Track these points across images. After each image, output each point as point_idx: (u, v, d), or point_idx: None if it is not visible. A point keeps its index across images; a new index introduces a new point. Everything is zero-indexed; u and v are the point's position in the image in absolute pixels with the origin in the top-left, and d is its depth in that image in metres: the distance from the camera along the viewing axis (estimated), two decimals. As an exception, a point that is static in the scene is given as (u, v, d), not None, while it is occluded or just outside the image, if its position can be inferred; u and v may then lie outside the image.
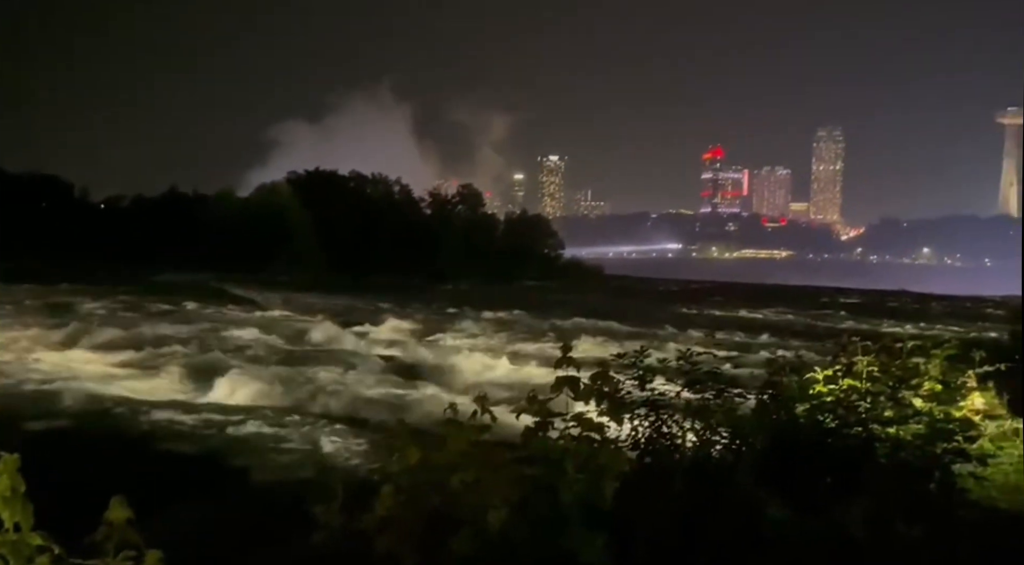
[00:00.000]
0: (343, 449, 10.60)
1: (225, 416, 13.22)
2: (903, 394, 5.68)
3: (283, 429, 12.12)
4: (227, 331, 26.00)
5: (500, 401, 10.29)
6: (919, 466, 5.04)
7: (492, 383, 17.60)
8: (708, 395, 5.64)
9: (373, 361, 20.67)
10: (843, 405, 5.71)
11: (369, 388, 16.39)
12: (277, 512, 7.17)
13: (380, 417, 12.94)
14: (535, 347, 24.47)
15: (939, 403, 5.60)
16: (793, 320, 44.02)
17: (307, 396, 15.58)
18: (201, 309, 34.99)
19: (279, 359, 20.44)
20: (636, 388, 5.63)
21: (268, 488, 9.08)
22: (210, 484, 9.34)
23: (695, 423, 5.34)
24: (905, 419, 5.43)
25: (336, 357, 20.60)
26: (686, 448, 5.24)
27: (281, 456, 10.62)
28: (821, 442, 5.34)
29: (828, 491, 4.44)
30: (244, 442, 11.51)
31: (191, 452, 10.79)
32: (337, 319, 32.54)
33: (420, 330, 29.64)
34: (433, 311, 39.43)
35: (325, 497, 3.35)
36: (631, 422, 5.33)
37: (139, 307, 34.91)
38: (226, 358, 19.98)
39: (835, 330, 30.42)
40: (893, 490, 4.40)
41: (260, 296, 45.95)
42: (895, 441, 5.28)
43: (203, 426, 12.47)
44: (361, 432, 11.81)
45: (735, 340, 29.37)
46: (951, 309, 61.16)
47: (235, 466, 10.17)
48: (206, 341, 23.71)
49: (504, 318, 36.41)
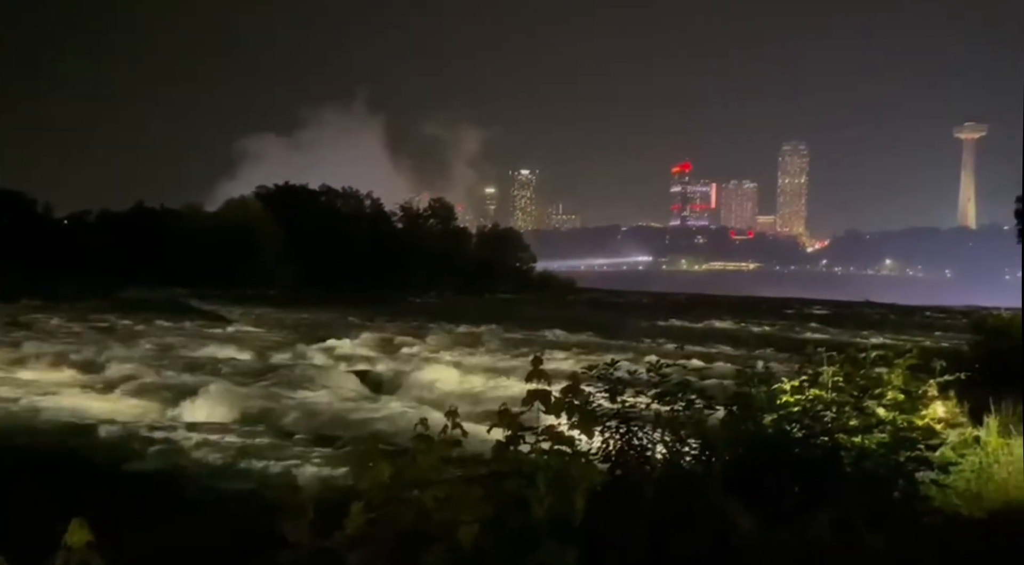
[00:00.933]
0: (312, 466, 10.47)
1: (191, 434, 12.98)
2: (867, 404, 5.79)
3: (251, 446, 11.93)
4: (194, 347, 25.59)
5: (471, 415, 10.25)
6: (883, 474, 5.14)
7: (463, 397, 17.55)
8: (678, 406, 5.70)
9: (343, 376, 20.47)
10: (809, 415, 5.80)
11: (338, 403, 16.22)
12: (244, 531, 7.05)
13: (350, 433, 12.82)
14: (506, 360, 24.45)
15: (902, 412, 5.71)
16: (761, 331, 44.59)
17: (275, 412, 15.37)
18: (168, 325, 34.40)
19: (247, 375, 20.15)
20: (607, 400, 5.67)
21: (234, 507, 8.92)
22: (174, 504, 9.15)
23: (665, 435, 5.38)
24: (869, 428, 5.53)
25: (305, 372, 20.36)
26: (656, 460, 5.28)
27: (248, 474, 10.44)
28: (788, 452, 5.41)
29: (796, 500, 4.50)
30: (210, 461, 11.31)
31: (155, 472, 10.57)
32: (307, 334, 32.21)
33: (391, 344, 29.45)
34: (404, 325, 39.23)
35: (294, 515, 3.31)
36: (602, 434, 5.37)
37: (103, 324, 34.21)
38: (192, 375, 19.65)
39: (802, 341, 30.89)
40: (858, 499, 4.48)
41: (228, 311, 45.31)
42: (860, 450, 5.38)
43: (168, 445, 12.22)
44: (331, 449, 11.67)
45: (705, 351, 29.65)
46: (913, 320, 62.47)
47: (201, 485, 9.98)
48: (172, 358, 23.30)
49: (476, 332, 36.35)
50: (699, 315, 55.93)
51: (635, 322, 48.63)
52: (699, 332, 42.61)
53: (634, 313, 61.49)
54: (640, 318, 53.46)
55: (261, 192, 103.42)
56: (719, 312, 59.97)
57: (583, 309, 65.11)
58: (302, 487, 9.37)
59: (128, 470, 10.59)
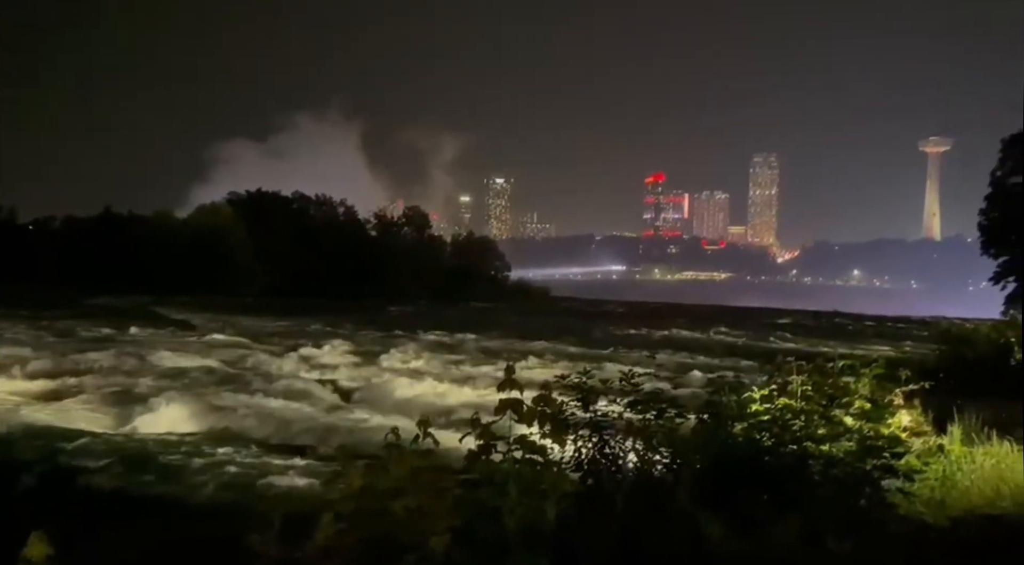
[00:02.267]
0: (281, 476, 10.31)
1: (157, 445, 12.74)
2: (835, 412, 5.87)
3: (217, 456, 11.73)
4: (160, 355, 25.10)
5: (444, 425, 10.20)
6: (850, 482, 5.21)
7: (435, 406, 17.45)
8: (650, 415, 5.73)
9: (313, 385, 20.23)
10: (779, 424, 5.87)
11: (309, 413, 16.02)
12: (211, 544, 6.92)
13: (320, 443, 12.66)
14: (480, 369, 24.39)
15: (869, 421, 5.80)
16: (733, 340, 45.04)
17: (244, 422, 15.13)
18: (134, 333, 33.75)
19: (216, 384, 19.83)
20: (580, 409, 5.68)
21: (201, 519, 8.76)
22: (139, 516, 8.96)
23: (637, 443, 5.41)
24: (837, 436, 5.62)
25: (275, 381, 20.10)
26: (628, 468, 5.30)
27: (216, 485, 10.26)
28: (758, 460, 5.47)
29: (765, 508, 4.54)
30: (176, 471, 11.09)
31: (119, 483, 10.33)
32: (277, 342, 31.83)
33: (363, 353, 29.21)
34: (377, 333, 38.96)
35: (262, 526, 3.26)
36: (574, 443, 5.38)
37: (69, 332, 33.46)
38: (158, 383, 19.28)
39: (773, 350, 31.26)
40: (826, 506, 4.54)
41: (197, 319, 44.60)
42: (828, 458, 5.45)
43: (133, 456, 11.96)
44: (301, 459, 11.52)
45: (677, 360, 29.87)
46: (880, 329, 63.56)
47: (166, 497, 9.78)
48: (137, 366, 22.84)
49: (449, 340, 36.23)
50: (671, 324, 56.36)
51: (608, 331, 48.84)
52: (671, 341, 42.90)
53: (608, 322, 61.74)
54: (613, 327, 53.69)
55: (233, 198, 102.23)
56: (691, 321, 60.49)
57: (557, 318, 65.20)
58: (270, 498, 9.24)
59: (89, 481, 10.34)
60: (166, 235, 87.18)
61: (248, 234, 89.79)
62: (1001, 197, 30.03)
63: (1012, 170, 29.92)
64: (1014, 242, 29.69)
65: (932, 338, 23.92)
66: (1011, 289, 29.79)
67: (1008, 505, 5.67)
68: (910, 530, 4.95)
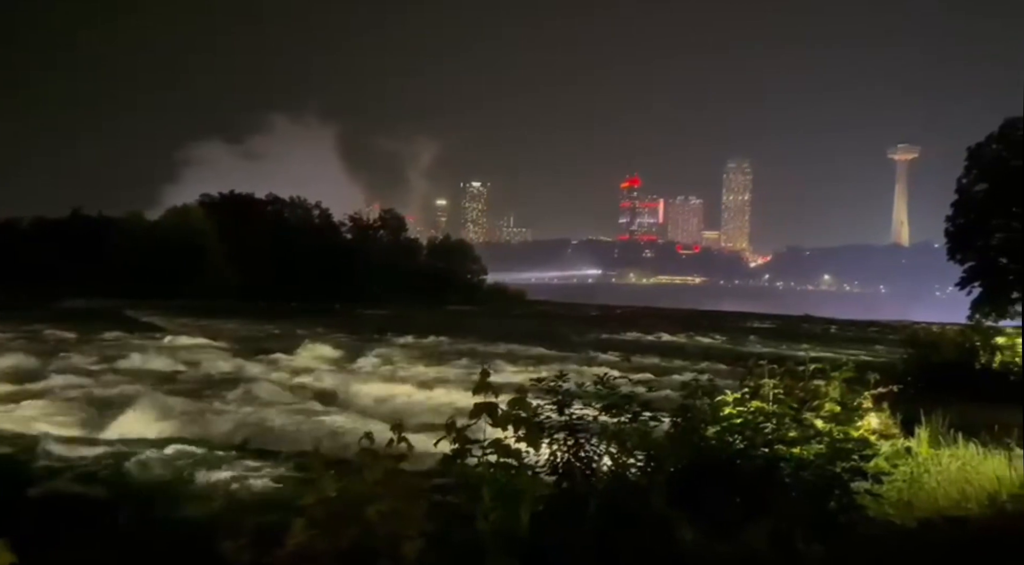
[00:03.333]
0: (254, 482, 10.17)
1: (126, 450, 12.49)
2: (806, 415, 5.95)
3: (188, 461, 11.54)
4: (130, 359, 24.67)
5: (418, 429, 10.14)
6: (820, 484, 5.28)
7: (410, 410, 17.35)
8: (624, 418, 5.75)
9: (287, 389, 20.03)
10: (751, 427, 5.93)
11: (282, 417, 15.84)
12: (181, 550, 6.81)
13: (293, 447, 12.51)
14: (455, 372, 24.31)
15: (838, 424, 5.88)
16: (706, 344, 45.44)
17: (215, 426, 14.92)
18: (104, 336, 33.15)
19: (187, 388, 19.54)
20: (555, 413, 5.69)
21: (171, 525, 8.61)
22: (104, 522, 8.78)
23: (611, 446, 5.43)
24: (808, 439, 5.69)
25: (248, 385, 19.84)
26: (603, 471, 5.31)
27: (186, 491, 10.09)
28: (730, 463, 5.52)
29: (737, 511, 4.58)
30: (144, 476, 10.89)
31: (84, 489, 10.12)
32: (250, 345, 31.45)
33: (337, 356, 28.97)
34: (351, 336, 38.68)
35: (233, 533, 3.22)
36: (549, 447, 5.38)
37: (36, 334, 32.78)
38: (127, 387, 18.95)
39: (745, 354, 31.61)
40: (797, 508, 4.59)
41: (169, 322, 43.95)
42: (798, 461, 5.52)
43: (101, 461, 11.73)
44: (273, 464, 11.38)
45: (651, 363, 30.05)
46: (850, 333, 64.55)
47: (134, 502, 9.60)
48: (107, 369, 22.44)
49: (425, 343, 36.07)
50: (646, 328, 56.69)
51: (584, 334, 49.00)
52: (646, 344, 43.17)
53: (583, 325, 61.97)
54: (589, 330, 53.89)
55: (205, 200, 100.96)
56: (666, 325, 60.91)
57: (533, 321, 65.29)
58: (242, 503, 9.12)
59: (55, 487, 10.12)
60: (136, 237, 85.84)
61: (221, 236, 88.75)
62: (967, 204, 30.69)
63: (977, 178, 30.57)
64: (979, 248, 30.34)
65: (900, 342, 24.39)
66: (976, 294, 30.39)
67: (973, 507, 5.78)
68: (878, 532, 5.02)
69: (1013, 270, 29.36)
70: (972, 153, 30.75)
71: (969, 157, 30.81)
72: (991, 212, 29.74)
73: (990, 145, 30.43)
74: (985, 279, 30.12)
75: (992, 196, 29.84)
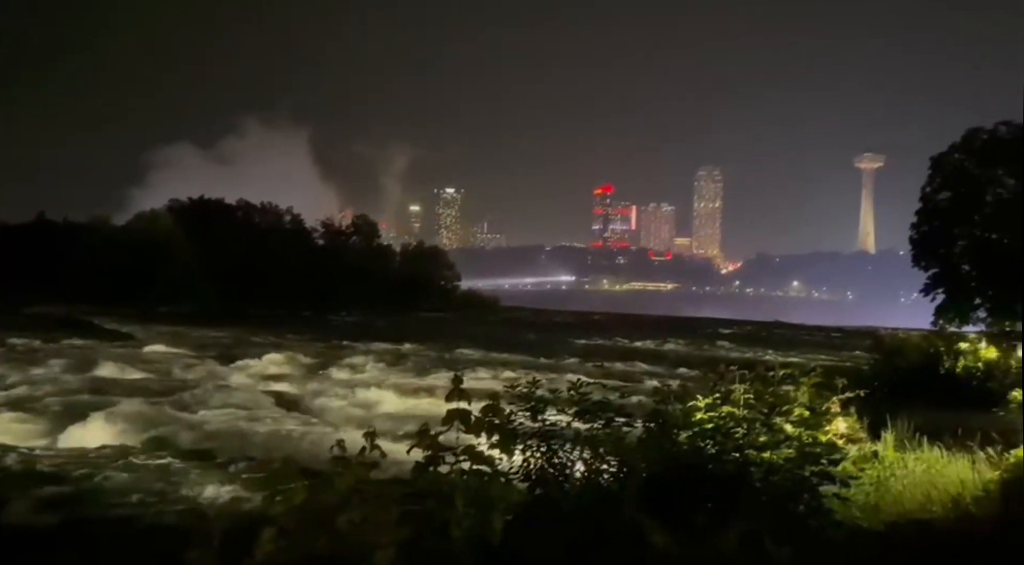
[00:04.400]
0: (221, 490, 10.02)
1: (92, 460, 12.24)
2: (775, 420, 6.01)
3: (156, 472, 11.34)
4: (96, 367, 24.20)
5: (390, 436, 10.06)
6: (790, 489, 5.34)
7: (383, 417, 17.25)
8: (597, 424, 5.78)
9: (256, 396, 19.78)
10: (722, 432, 5.98)
11: (252, 425, 15.64)
12: (148, 561, 6.68)
13: (263, 456, 12.35)
14: (428, 380, 24.22)
15: (807, 428, 5.95)
16: (678, 350, 45.82)
17: (183, 435, 14.68)
18: (69, 343, 32.44)
19: (153, 396, 19.20)
20: (528, 419, 5.69)
21: (138, 536, 8.43)
22: (70, 533, 8.58)
23: (584, 452, 5.44)
24: (777, 444, 5.75)
25: (217, 393, 19.57)
26: (576, 478, 5.33)
27: (153, 501, 9.90)
28: (702, 468, 5.56)
29: (708, 516, 4.61)
30: (111, 486, 10.67)
31: (48, 498, 9.88)
32: (219, 353, 31.00)
33: (308, 364, 28.70)
34: (323, 344, 38.34)
35: (200, 542, 3.16)
36: (523, 453, 5.38)
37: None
38: (93, 396, 18.58)
39: (716, 359, 31.93)
40: (766, 513, 4.64)
41: (136, 330, 43.16)
42: (768, 465, 5.57)
43: (67, 472, 11.47)
44: (243, 472, 11.21)
45: (624, 369, 30.22)
46: (818, 339, 65.53)
47: (100, 512, 9.39)
48: (72, 378, 21.96)
49: (398, 350, 35.88)
50: (620, 334, 57.02)
51: (558, 340, 49.11)
52: (620, 350, 43.40)
53: (557, 331, 62.11)
54: (563, 336, 54.02)
55: (174, 205, 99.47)
56: (639, 331, 61.33)
57: (507, 328, 65.28)
58: (210, 513, 8.97)
59: (18, 497, 9.86)
60: (103, 243, 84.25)
61: (189, 242, 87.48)
62: (930, 212, 31.31)
63: (940, 186, 31.23)
64: (942, 255, 30.97)
65: (867, 348, 24.83)
66: (940, 300, 31.05)
67: (938, 510, 5.89)
68: (846, 535, 5.09)
69: (975, 277, 30.02)
70: (935, 162, 31.43)
71: (932, 166, 31.48)
72: (954, 220, 30.39)
73: (952, 154, 31.14)
74: (948, 286, 30.75)
75: (954, 204, 30.52)
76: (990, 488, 6.10)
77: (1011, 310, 28.59)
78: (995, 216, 29.62)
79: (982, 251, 29.86)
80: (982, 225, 30.14)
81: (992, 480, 6.23)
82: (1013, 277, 27.88)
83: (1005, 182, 30.04)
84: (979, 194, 30.10)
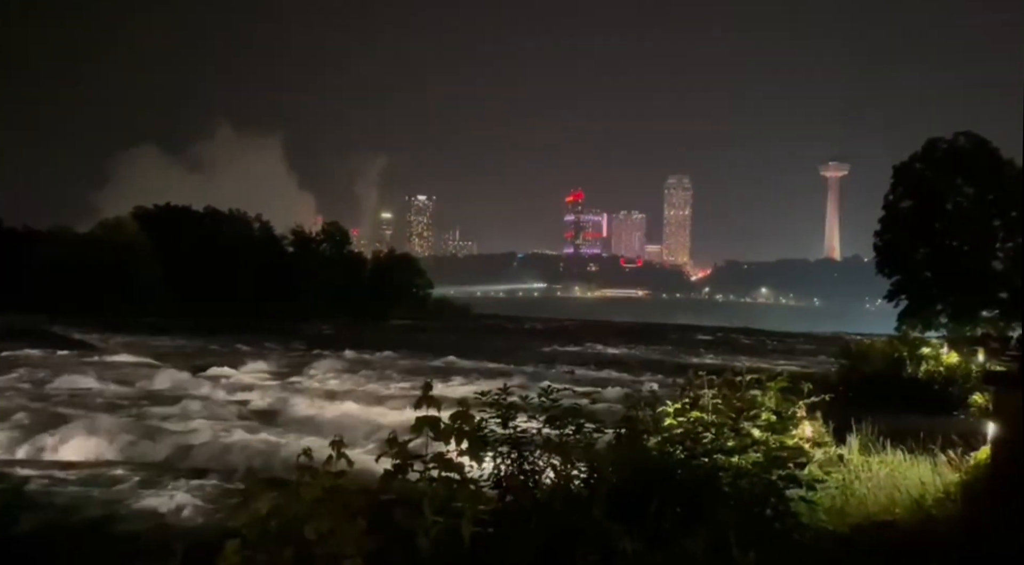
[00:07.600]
0: (186, 502, 9.81)
1: (54, 473, 11.93)
2: (743, 425, 6.07)
3: (117, 482, 11.08)
4: (60, 378, 23.60)
5: (359, 444, 9.95)
6: (757, 493, 5.39)
7: (351, 426, 17.05)
8: (568, 431, 5.77)
9: (224, 406, 19.47)
10: (691, 437, 6.02)
11: (218, 436, 15.36)
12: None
13: (227, 466, 12.14)
14: (398, 387, 24.06)
15: (774, 433, 6.02)
16: (649, 356, 46.14)
17: (146, 445, 14.37)
18: (29, 354, 31.60)
19: (118, 408, 18.79)
20: (499, 426, 5.67)
21: (98, 549, 8.23)
22: (32, 546, 8.35)
23: (553, 459, 5.43)
24: (745, 448, 5.80)
25: (182, 403, 19.22)
26: (546, 484, 5.31)
27: (114, 512, 9.67)
28: (671, 473, 5.58)
29: (677, 521, 4.63)
30: (72, 498, 10.40)
31: (8, 510, 9.60)
32: (185, 362, 30.45)
33: (276, 372, 28.34)
34: (293, 352, 37.89)
35: (162, 555, 3.10)
36: (493, 460, 5.35)
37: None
38: (55, 407, 18.12)
39: (686, 365, 32.20)
40: (734, 516, 4.67)
41: (98, 339, 42.25)
42: (736, 470, 5.62)
43: (25, 483, 11.16)
44: (207, 483, 11.00)
45: (595, 375, 30.33)
46: (785, 345, 66.49)
47: (61, 525, 9.15)
48: (32, 389, 21.41)
49: (368, 358, 35.58)
50: (591, 340, 57.25)
51: (529, 347, 49.13)
52: (591, 357, 43.56)
53: (529, 338, 62.17)
54: (535, 343, 54.07)
55: (139, 212, 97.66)
56: (610, 337, 61.65)
57: (478, 335, 65.15)
58: (172, 524, 8.79)
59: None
60: (65, 251, 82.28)
61: (156, 250, 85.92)
62: (893, 220, 31.99)
63: (903, 195, 31.94)
64: (905, 262, 31.65)
65: (833, 353, 25.24)
66: (903, 306, 31.70)
67: (901, 512, 5.99)
68: (811, 538, 5.15)
69: (936, 283, 30.70)
70: (897, 171, 32.15)
71: (895, 175, 32.20)
72: (915, 228, 31.09)
73: (914, 164, 31.88)
74: (911, 292, 31.43)
75: (917, 212, 31.23)
76: (951, 490, 6.21)
77: (971, 316, 29.32)
78: (955, 224, 30.37)
79: (942, 258, 30.58)
80: (942, 233, 30.88)
81: (953, 482, 6.35)
82: (972, 284, 28.61)
83: (964, 191, 30.84)
84: (939, 203, 30.85)
